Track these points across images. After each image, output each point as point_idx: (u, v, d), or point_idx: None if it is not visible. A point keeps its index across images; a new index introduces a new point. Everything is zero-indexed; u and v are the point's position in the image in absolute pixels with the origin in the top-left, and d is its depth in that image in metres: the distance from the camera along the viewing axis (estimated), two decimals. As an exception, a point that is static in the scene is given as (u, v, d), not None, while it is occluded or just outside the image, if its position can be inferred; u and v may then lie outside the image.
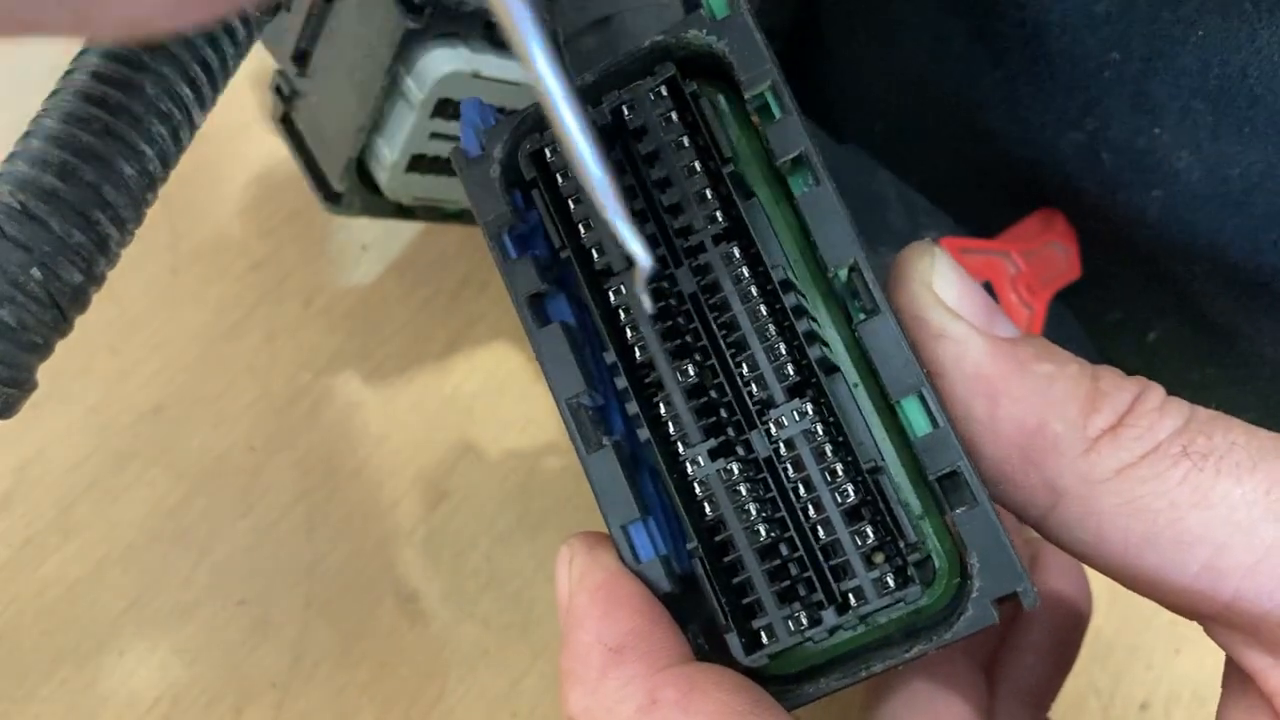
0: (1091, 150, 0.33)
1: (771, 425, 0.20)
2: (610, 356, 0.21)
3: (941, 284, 0.20)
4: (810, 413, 0.20)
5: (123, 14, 0.12)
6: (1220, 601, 0.18)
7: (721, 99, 0.21)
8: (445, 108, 0.32)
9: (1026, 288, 0.38)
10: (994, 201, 0.38)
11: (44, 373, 0.28)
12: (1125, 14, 0.30)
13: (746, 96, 0.20)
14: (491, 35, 0.32)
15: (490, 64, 0.32)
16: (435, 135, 0.33)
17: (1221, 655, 0.21)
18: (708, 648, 0.20)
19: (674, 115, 0.20)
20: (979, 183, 0.39)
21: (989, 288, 0.37)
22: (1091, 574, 0.29)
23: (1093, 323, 0.39)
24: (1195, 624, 0.20)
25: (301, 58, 0.33)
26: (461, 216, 0.38)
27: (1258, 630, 0.19)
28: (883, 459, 0.20)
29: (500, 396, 0.40)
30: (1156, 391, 0.20)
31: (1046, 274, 0.38)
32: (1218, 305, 0.34)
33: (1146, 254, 0.35)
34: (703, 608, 0.20)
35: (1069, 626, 0.29)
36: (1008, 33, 0.32)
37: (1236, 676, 0.20)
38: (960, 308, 0.20)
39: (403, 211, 0.37)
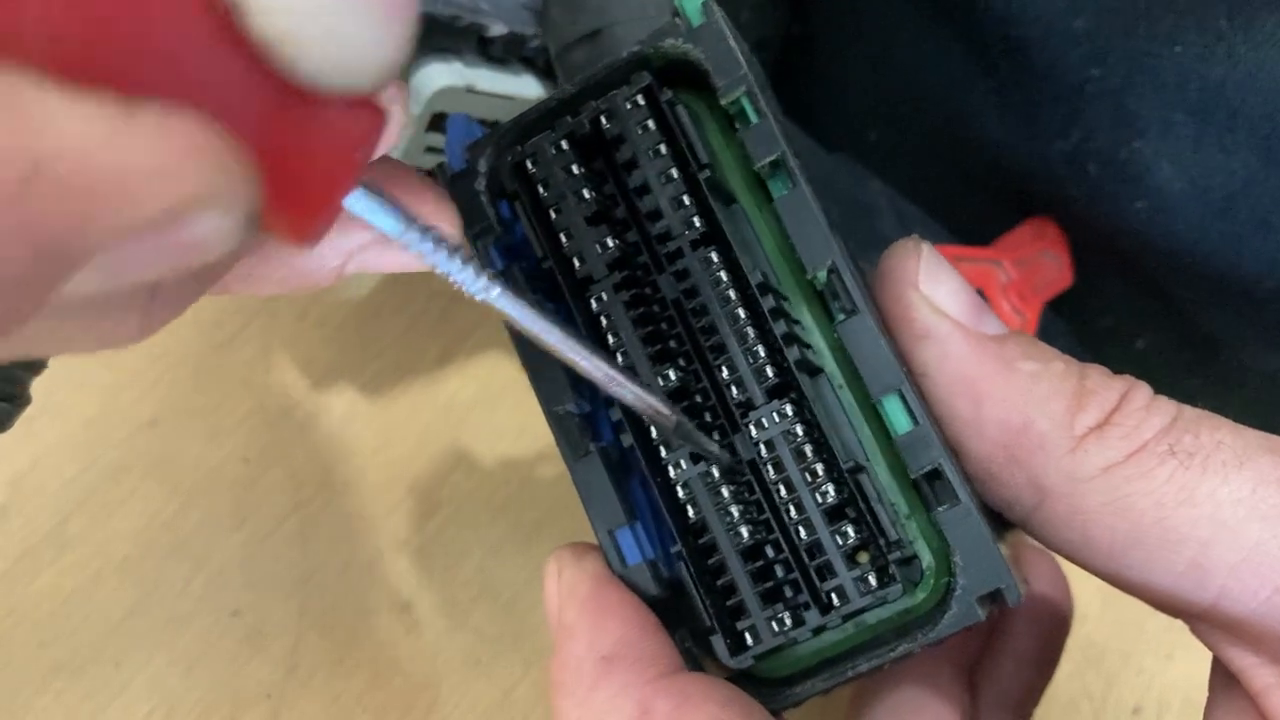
0: (1078, 161, 0.33)
1: (753, 427, 0.20)
2: None
3: (928, 282, 0.20)
4: (790, 414, 0.20)
5: None
6: (1205, 600, 0.19)
7: (704, 107, 0.21)
8: (441, 122, 0.32)
9: (1019, 295, 0.38)
10: (986, 210, 0.39)
11: (39, 386, 0.28)
12: (1103, 31, 0.30)
13: (723, 103, 0.20)
14: (485, 50, 0.32)
15: (484, 78, 0.32)
16: (430, 149, 0.33)
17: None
18: (697, 652, 0.21)
19: (650, 123, 0.21)
20: (971, 191, 0.39)
21: (981, 296, 0.37)
22: (1082, 581, 0.29)
23: (1083, 330, 0.39)
24: (1187, 630, 0.20)
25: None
26: (457, 229, 0.38)
27: (1242, 629, 0.19)
28: (868, 459, 0.20)
29: (493, 407, 0.40)
30: (1143, 390, 0.20)
31: (1038, 282, 0.39)
32: (1202, 313, 0.35)
33: (1133, 263, 0.35)
34: (692, 612, 0.20)
35: (1050, 633, 0.29)
36: (995, 45, 0.33)
37: (1223, 676, 0.20)
38: (947, 305, 0.20)
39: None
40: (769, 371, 0.20)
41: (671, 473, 0.20)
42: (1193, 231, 0.32)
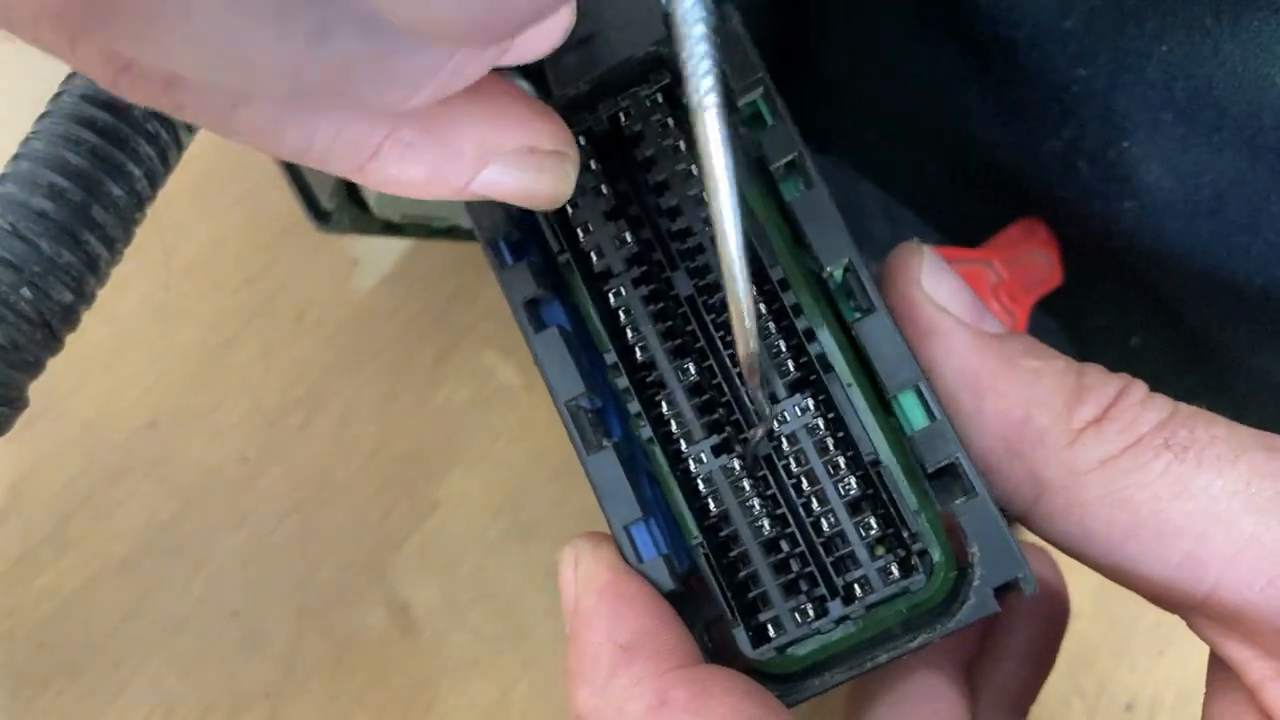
0: (1068, 160, 0.34)
1: (774, 421, 0.20)
2: (611, 357, 0.21)
3: (930, 282, 0.21)
4: (812, 407, 0.20)
5: None
6: (1201, 592, 0.19)
7: None
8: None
9: (1009, 295, 0.39)
10: (977, 211, 0.39)
11: (39, 389, 0.28)
12: (1091, 30, 0.30)
13: (739, 104, 0.20)
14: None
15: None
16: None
17: (1205, 656, 0.21)
18: (712, 646, 0.21)
19: (671, 121, 0.21)
20: (963, 192, 0.39)
21: (971, 296, 0.37)
22: (1075, 579, 0.29)
23: (1075, 329, 0.40)
24: (1180, 626, 0.20)
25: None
26: (449, 233, 0.39)
27: (1238, 622, 0.19)
28: (879, 456, 0.21)
29: (490, 407, 0.41)
30: (1139, 387, 0.20)
31: (1029, 281, 0.39)
32: (1194, 312, 0.35)
33: (1124, 262, 0.35)
34: (703, 609, 0.21)
35: (1048, 630, 0.30)
36: (987, 45, 0.33)
37: (1220, 671, 0.21)
38: (949, 305, 0.21)
39: (391, 228, 0.37)
40: (790, 366, 0.20)
41: (692, 466, 0.21)
42: (1182, 231, 0.32)
